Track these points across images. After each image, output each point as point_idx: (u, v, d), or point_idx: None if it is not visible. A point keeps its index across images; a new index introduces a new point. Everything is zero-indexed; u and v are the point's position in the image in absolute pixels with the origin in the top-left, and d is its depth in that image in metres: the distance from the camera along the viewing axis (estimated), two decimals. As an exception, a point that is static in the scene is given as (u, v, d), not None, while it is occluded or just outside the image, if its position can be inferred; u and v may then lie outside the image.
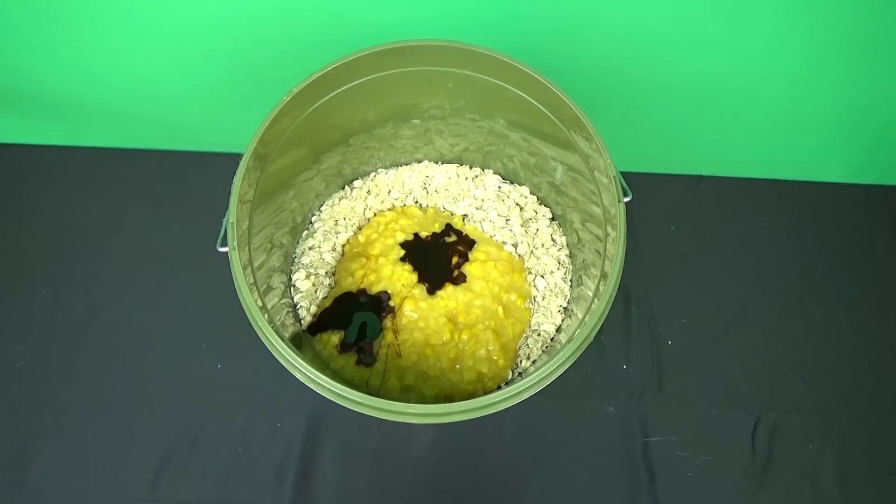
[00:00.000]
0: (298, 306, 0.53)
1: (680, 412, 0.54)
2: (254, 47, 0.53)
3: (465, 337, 0.50)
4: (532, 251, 0.56)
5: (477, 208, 0.58)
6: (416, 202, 0.59)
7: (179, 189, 0.64)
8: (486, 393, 0.36)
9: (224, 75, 0.56)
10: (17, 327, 0.57)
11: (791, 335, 0.58)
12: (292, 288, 0.54)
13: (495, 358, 0.50)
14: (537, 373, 0.36)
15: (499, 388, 0.48)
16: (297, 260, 0.55)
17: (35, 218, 0.62)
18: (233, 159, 0.40)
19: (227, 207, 0.39)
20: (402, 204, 0.59)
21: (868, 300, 0.60)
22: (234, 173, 0.40)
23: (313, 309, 0.52)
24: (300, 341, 0.51)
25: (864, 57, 0.51)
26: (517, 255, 0.55)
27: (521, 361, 0.51)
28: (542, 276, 0.54)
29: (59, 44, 0.53)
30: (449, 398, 0.49)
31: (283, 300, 0.51)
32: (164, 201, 0.63)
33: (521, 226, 0.56)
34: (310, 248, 0.56)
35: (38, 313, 0.57)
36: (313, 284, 0.53)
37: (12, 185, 0.64)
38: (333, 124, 0.49)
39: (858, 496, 0.52)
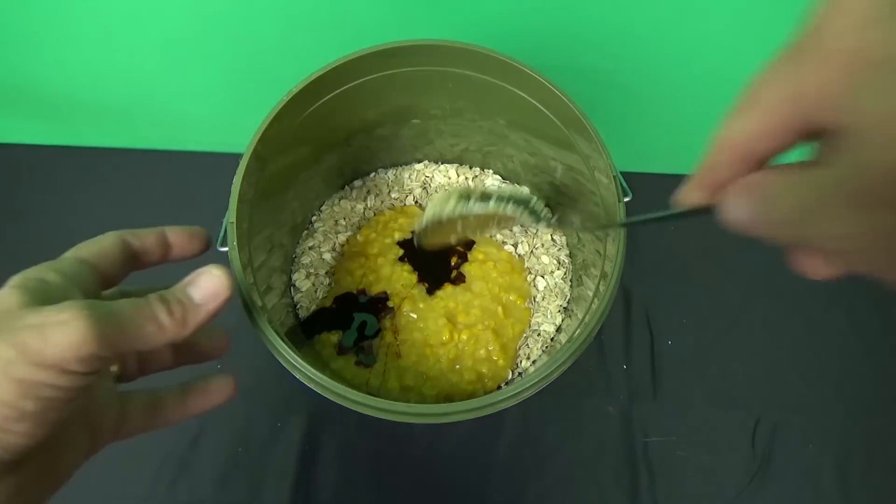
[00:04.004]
0: (298, 306, 0.53)
1: (680, 412, 0.54)
2: (254, 47, 0.53)
3: (464, 337, 0.50)
4: (532, 251, 0.56)
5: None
6: (416, 202, 0.59)
7: (179, 189, 0.64)
8: (486, 393, 0.36)
9: (224, 75, 0.56)
10: (17, 327, 0.57)
11: (791, 335, 0.58)
12: (292, 288, 0.54)
13: (495, 358, 0.50)
14: (537, 372, 0.36)
15: (499, 388, 0.48)
16: (297, 260, 0.55)
17: (35, 218, 0.62)
18: (233, 159, 0.40)
19: (227, 207, 0.39)
20: (402, 204, 0.59)
21: (868, 300, 0.60)
22: (234, 173, 0.40)
23: (314, 308, 0.52)
24: (300, 341, 0.51)
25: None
26: (517, 255, 0.55)
27: (521, 361, 0.51)
28: (542, 276, 0.54)
29: (59, 44, 0.53)
30: (449, 398, 0.49)
31: (283, 300, 0.51)
32: (164, 201, 0.63)
33: (521, 226, 0.56)
34: (310, 248, 0.56)
35: (38, 313, 0.57)
36: (313, 284, 0.53)
37: (12, 185, 0.64)
38: (333, 124, 0.49)
39: (858, 496, 0.52)
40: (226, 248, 0.38)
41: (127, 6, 0.49)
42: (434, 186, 0.59)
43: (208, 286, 0.28)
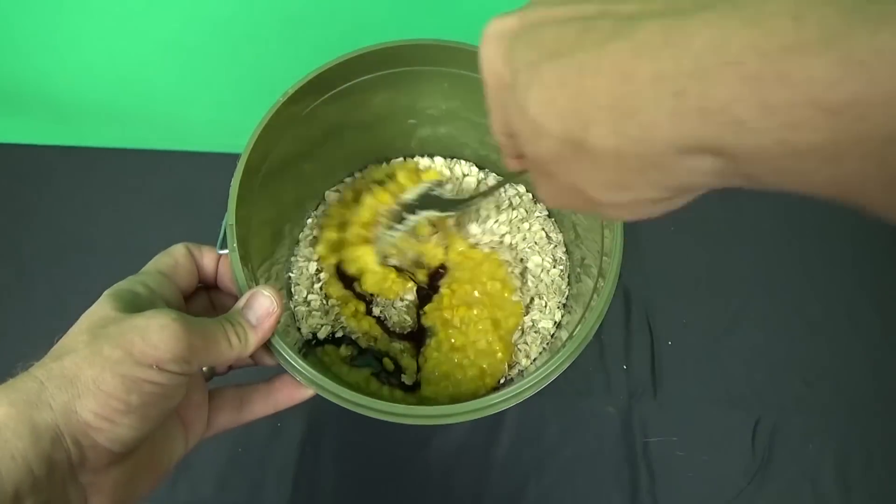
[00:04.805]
0: (296, 308, 0.53)
1: (680, 412, 0.54)
2: (252, 47, 0.53)
3: (466, 314, 0.50)
4: (526, 246, 0.55)
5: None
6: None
7: (179, 189, 0.64)
8: (486, 390, 0.36)
9: (223, 75, 0.56)
10: (16, 327, 0.57)
11: (791, 335, 0.58)
12: (288, 292, 0.53)
13: (496, 349, 0.49)
14: (538, 372, 0.36)
15: (498, 384, 0.48)
16: (295, 259, 0.55)
17: (35, 218, 0.62)
18: (233, 159, 0.40)
19: (226, 208, 0.39)
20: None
21: (868, 300, 0.60)
22: (234, 173, 0.40)
23: (313, 315, 0.52)
24: (298, 342, 0.51)
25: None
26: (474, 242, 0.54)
27: (520, 360, 0.51)
28: (538, 275, 0.54)
29: (59, 44, 0.53)
30: (449, 398, 0.48)
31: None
32: (164, 201, 0.63)
33: (508, 223, 0.55)
34: (306, 247, 0.55)
35: (38, 313, 0.57)
36: (311, 285, 0.53)
37: (12, 185, 0.64)
38: (330, 124, 0.49)
39: (858, 496, 0.52)
40: (225, 251, 0.38)
41: (127, 7, 0.49)
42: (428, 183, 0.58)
43: (261, 307, 0.33)
